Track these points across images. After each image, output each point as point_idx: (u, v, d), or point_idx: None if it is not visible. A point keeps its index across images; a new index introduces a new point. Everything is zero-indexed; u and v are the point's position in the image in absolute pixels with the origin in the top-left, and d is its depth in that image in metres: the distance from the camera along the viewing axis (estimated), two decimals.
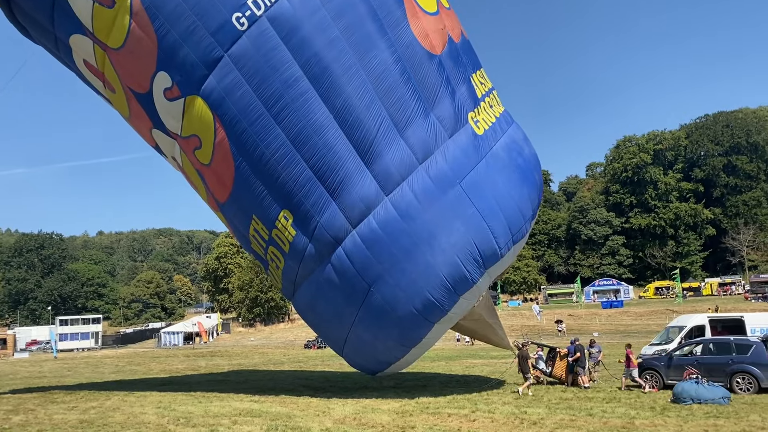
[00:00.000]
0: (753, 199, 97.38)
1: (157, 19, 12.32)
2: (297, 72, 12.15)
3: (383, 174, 12.74)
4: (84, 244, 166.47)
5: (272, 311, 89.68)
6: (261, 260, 14.72)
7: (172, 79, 12.85)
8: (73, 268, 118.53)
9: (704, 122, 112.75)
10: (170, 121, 13.54)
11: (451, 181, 13.02)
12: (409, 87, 12.81)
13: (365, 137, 12.55)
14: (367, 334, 13.76)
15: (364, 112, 12.47)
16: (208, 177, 13.96)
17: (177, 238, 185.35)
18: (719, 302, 69.71)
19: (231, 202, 13.82)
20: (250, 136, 12.66)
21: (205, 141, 13.22)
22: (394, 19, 12.84)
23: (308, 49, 12.11)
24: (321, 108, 12.32)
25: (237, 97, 12.45)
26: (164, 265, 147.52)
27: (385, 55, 12.68)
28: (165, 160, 16.46)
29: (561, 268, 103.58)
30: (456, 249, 12.78)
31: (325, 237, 13.06)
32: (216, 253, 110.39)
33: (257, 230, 13.91)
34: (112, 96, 14.60)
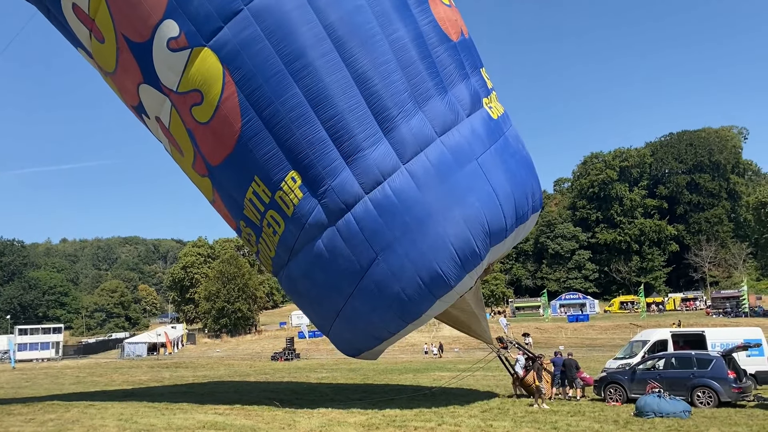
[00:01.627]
0: (715, 217, 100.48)
1: None
2: (320, 33, 12.24)
3: (401, 143, 12.88)
4: (46, 252, 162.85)
5: (239, 322, 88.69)
6: (253, 227, 14.48)
7: (180, 28, 12.60)
8: (35, 275, 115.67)
9: (669, 140, 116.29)
10: (167, 75, 13.24)
11: (468, 156, 13.46)
12: (429, 64, 13.33)
13: (385, 105, 12.75)
14: (365, 305, 13.71)
15: (385, 80, 12.70)
16: (201, 136, 13.58)
17: (143, 246, 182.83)
18: (682, 317, 71.38)
19: (229, 163, 13.49)
20: (264, 92, 12.49)
21: (208, 96, 12.93)
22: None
23: (334, 12, 12.35)
24: (342, 71, 12.43)
25: (254, 52, 12.29)
26: (129, 274, 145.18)
27: (408, 29, 13.17)
28: (144, 124, 16.11)
29: (528, 281, 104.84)
30: (469, 223, 13.09)
31: (335, 201, 12.96)
32: (182, 263, 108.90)
33: (257, 193, 13.59)
34: (99, 47, 14.11)
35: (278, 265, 15.00)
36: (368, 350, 15.15)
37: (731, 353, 16.93)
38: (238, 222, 15.05)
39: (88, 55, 15.15)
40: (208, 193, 15.35)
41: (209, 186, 14.85)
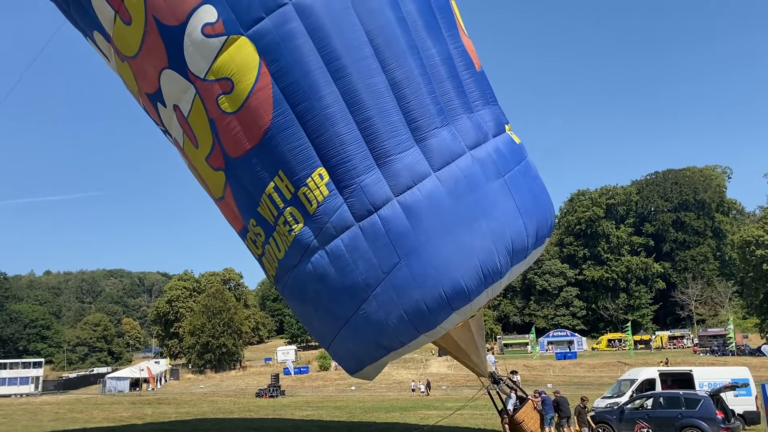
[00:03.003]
0: (700, 255, 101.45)
1: None
2: (362, 38, 12.71)
3: (433, 151, 13.26)
4: (29, 284, 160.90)
5: (223, 357, 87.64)
6: (264, 225, 14.32)
7: (218, 14, 12.66)
8: (16, 308, 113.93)
9: (654, 179, 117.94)
10: (197, 61, 13.22)
11: (496, 172, 14.01)
12: (457, 84, 14.05)
13: (419, 114, 13.21)
14: (380, 312, 13.48)
15: (419, 91, 13.21)
16: (225, 127, 13.49)
17: (128, 279, 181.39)
18: (669, 355, 71.35)
19: (252, 155, 13.43)
20: (300, 87, 12.59)
21: (239, 85, 12.90)
22: (449, 23, 14.44)
23: (377, 18, 12.89)
24: (380, 76, 12.85)
25: (294, 46, 12.48)
26: (113, 307, 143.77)
27: (440, 49, 13.90)
28: (153, 114, 15.83)
29: (516, 318, 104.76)
30: (494, 237, 13.34)
31: (363, 201, 12.96)
32: (168, 296, 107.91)
33: (278, 188, 13.49)
34: (123, 29, 14.05)
35: (286, 267, 14.76)
36: (372, 363, 14.94)
37: (719, 393, 16.89)
38: (248, 220, 14.85)
39: (105, 39, 15.08)
40: (217, 189, 15.18)
41: (222, 180, 14.74)
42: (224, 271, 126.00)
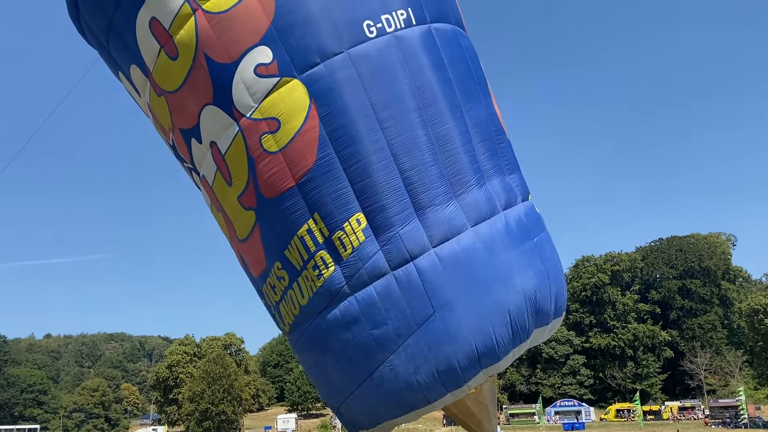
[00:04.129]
0: (708, 323, 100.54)
1: None
2: (412, 91, 13.39)
3: (470, 206, 13.69)
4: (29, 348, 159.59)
5: (222, 426, 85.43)
6: (290, 268, 14.21)
7: (273, 55, 13.20)
8: (14, 372, 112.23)
9: (659, 245, 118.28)
10: (245, 99, 13.59)
11: (528, 233, 14.51)
12: (493, 146, 14.69)
13: (457, 170, 13.74)
14: (408, 366, 13.30)
15: (460, 148, 13.80)
16: (265, 166, 13.73)
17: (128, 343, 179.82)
18: (680, 427, 69.35)
19: (289, 196, 13.60)
20: (348, 132, 13.06)
21: (286, 126, 13.28)
22: (485, 90, 15.23)
23: (425, 76, 13.59)
24: (424, 129, 13.42)
25: (345, 92, 13.07)
26: (112, 372, 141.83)
27: (481, 111, 14.65)
28: (182, 152, 15.91)
29: (523, 387, 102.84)
30: (526, 295, 13.57)
31: (400, 249, 13.14)
32: (168, 361, 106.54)
33: (311, 231, 13.57)
34: (167, 63, 14.40)
35: (307, 314, 14.49)
36: (390, 420, 14.50)
37: None
38: (272, 263, 14.67)
39: (143, 72, 15.36)
40: (244, 229, 15.12)
41: (251, 220, 14.70)
42: (225, 336, 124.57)
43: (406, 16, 13.74)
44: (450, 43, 14.61)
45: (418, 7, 14.02)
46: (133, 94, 17.06)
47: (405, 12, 13.74)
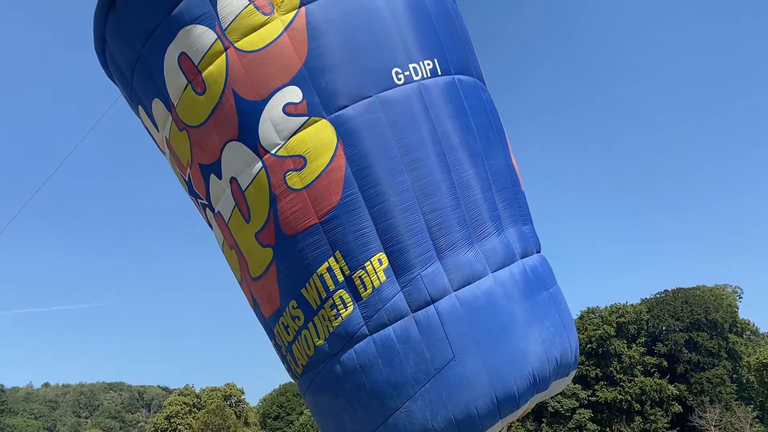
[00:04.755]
0: (716, 377, 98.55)
1: (314, 41, 13.54)
2: (436, 136, 13.80)
3: (490, 252, 13.88)
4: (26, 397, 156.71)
5: None
6: (306, 308, 14.12)
7: (303, 96, 13.55)
8: (10, 423, 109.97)
9: (664, 297, 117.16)
10: (271, 136, 13.86)
11: (545, 283, 14.71)
12: (511, 196, 15.05)
13: (478, 215, 14.01)
14: (424, 412, 13.03)
15: (481, 194, 14.14)
16: (288, 203, 13.87)
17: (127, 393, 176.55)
18: None
19: (310, 233, 13.69)
20: (374, 172, 13.39)
21: (312, 164, 13.52)
22: (503, 141, 15.70)
23: (447, 123, 14.06)
24: (448, 174, 13.79)
25: (373, 134, 13.46)
26: (110, 422, 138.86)
27: (500, 161, 15.09)
28: (199, 189, 15.99)
29: None
30: (545, 345, 13.61)
31: (421, 291, 13.15)
32: (167, 412, 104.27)
33: (332, 269, 13.59)
34: (193, 98, 14.67)
35: (322, 356, 14.31)
36: None
37: None
38: (287, 302, 14.59)
39: (165, 107, 15.58)
40: (259, 267, 15.04)
41: (268, 258, 14.67)
42: (226, 387, 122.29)
43: (432, 66, 14.32)
44: (472, 94, 15.21)
45: (444, 59, 14.62)
46: (151, 128, 17.27)
47: (431, 62, 14.33)
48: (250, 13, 13.71)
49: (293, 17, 13.58)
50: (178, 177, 17.54)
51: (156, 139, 17.49)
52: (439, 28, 14.85)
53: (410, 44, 14.13)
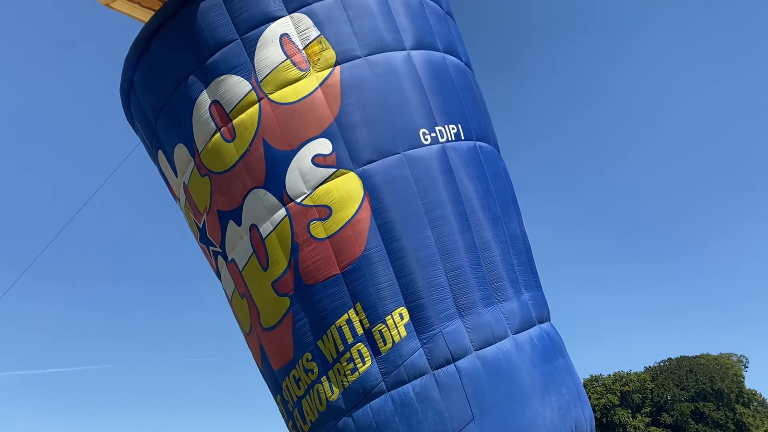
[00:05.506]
0: None
1: (347, 98, 14.06)
2: (459, 196, 14.21)
3: (510, 314, 13.99)
4: None
5: None
6: (321, 361, 13.88)
7: (333, 148, 13.90)
8: None
9: (668, 366, 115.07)
10: (298, 185, 14.07)
11: (561, 350, 14.84)
12: (526, 261, 15.34)
13: (499, 276, 14.21)
14: None
15: (500, 257, 14.38)
16: (310, 252, 13.91)
17: None
18: None
19: (331, 284, 13.65)
20: (399, 226, 13.58)
21: (337, 215, 13.69)
22: (517, 207, 16.13)
23: (470, 185, 14.50)
24: (471, 233, 14.06)
25: (399, 189, 13.79)
26: None
27: (516, 226, 15.50)
28: (214, 236, 15.88)
29: None
30: (562, 413, 13.54)
31: (443, 348, 13.06)
32: None
33: (351, 321, 13.46)
34: (220, 144, 14.86)
35: (335, 412, 13.93)
36: None
37: None
38: (301, 354, 14.32)
39: (189, 152, 15.76)
40: (273, 317, 14.83)
41: (284, 307, 14.49)
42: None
43: (456, 131, 14.95)
44: (491, 160, 15.89)
45: (467, 125, 15.34)
46: (169, 174, 17.46)
47: (455, 127, 14.96)
48: (286, 68, 14.25)
49: (328, 75, 14.16)
50: (191, 224, 17.57)
51: (172, 184, 17.62)
52: (462, 96, 15.66)
53: (437, 108, 14.79)
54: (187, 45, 15.01)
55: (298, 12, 14.40)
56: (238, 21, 14.51)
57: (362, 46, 14.41)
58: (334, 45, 14.31)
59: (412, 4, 15.54)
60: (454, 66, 15.88)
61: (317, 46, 14.32)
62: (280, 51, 14.26)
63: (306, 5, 14.45)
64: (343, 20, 14.48)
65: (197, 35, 14.81)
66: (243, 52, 14.43)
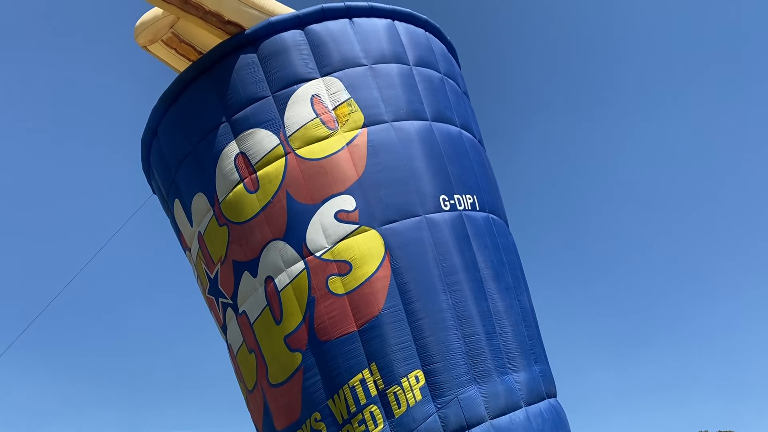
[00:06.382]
0: None
1: (373, 158, 14.32)
2: (477, 264, 14.38)
3: (523, 385, 13.96)
4: None
5: None
6: (330, 421, 13.36)
7: (356, 205, 14.06)
8: None
9: None
10: (319, 240, 14.08)
11: (566, 427, 14.83)
12: (536, 334, 15.46)
13: (512, 346, 14.22)
14: None
15: (512, 327, 14.46)
16: (327, 307, 13.70)
17: None
18: None
19: (347, 342, 13.38)
20: (418, 287, 13.59)
21: (357, 271, 13.64)
22: (525, 280, 16.42)
23: (487, 253, 14.77)
24: (487, 301, 14.13)
25: (420, 251, 13.89)
26: None
27: (525, 298, 15.73)
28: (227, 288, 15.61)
29: None
30: None
31: (458, 415, 12.79)
32: None
33: (365, 381, 13.12)
34: (243, 195, 14.93)
35: None
36: None
37: None
38: (310, 413, 13.79)
39: (208, 201, 15.76)
40: (282, 373, 14.39)
41: (295, 363, 14.10)
42: None
43: (472, 201, 15.48)
44: (503, 233, 16.42)
45: (481, 198, 15.93)
46: (183, 223, 17.44)
47: (472, 197, 15.51)
48: (315, 126, 14.72)
49: (355, 135, 14.69)
50: (200, 275, 17.29)
51: (185, 234, 17.57)
52: (476, 170, 16.41)
53: (455, 178, 15.42)
54: (218, 98, 15.47)
55: (330, 76, 15.12)
56: (272, 79, 15.14)
57: (389, 112, 15.05)
58: (363, 108, 14.91)
59: (434, 81, 16.49)
60: (470, 141, 16.67)
61: (346, 108, 14.87)
62: (311, 109, 14.78)
63: (338, 70, 15.20)
64: (372, 87, 15.22)
65: (230, 89, 15.33)
66: (274, 109, 14.93)
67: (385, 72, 15.54)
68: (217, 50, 15.67)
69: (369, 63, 15.48)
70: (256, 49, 15.37)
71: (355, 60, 15.41)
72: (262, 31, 15.32)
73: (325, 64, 15.24)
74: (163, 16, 16.64)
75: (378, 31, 16.09)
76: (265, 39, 15.37)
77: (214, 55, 15.61)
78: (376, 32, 16.04)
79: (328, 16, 15.70)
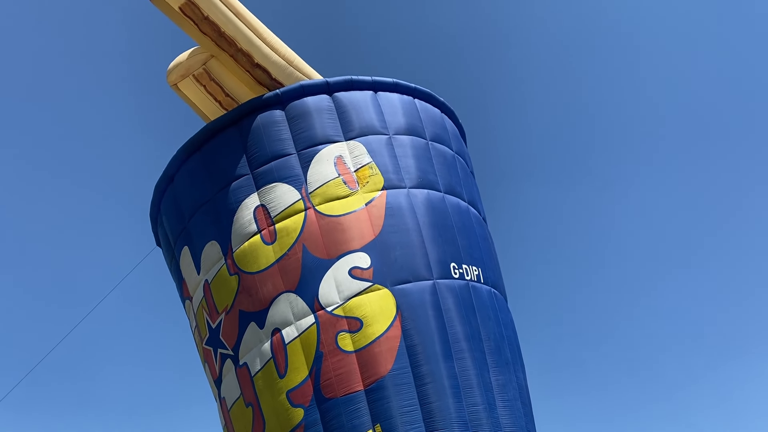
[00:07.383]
0: None
1: (390, 219, 14.68)
2: (479, 334, 14.46)
3: None
4: None
5: None
6: None
7: (371, 263, 14.18)
8: None
9: None
10: (331, 294, 14.10)
11: None
12: (530, 411, 15.32)
13: (514, 421, 14.03)
14: None
15: (512, 402, 14.31)
16: (335, 364, 13.51)
17: None
18: None
19: (353, 400, 13.07)
20: (427, 350, 13.55)
21: (368, 329, 13.60)
22: (522, 358, 16.33)
23: (491, 326, 14.88)
24: (490, 372, 14.14)
25: (431, 315, 13.94)
26: None
27: (522, 375, 15.79)
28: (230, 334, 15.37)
29: None
30: None
31: None
32: None
33: None
34: (259, 246, 14.98)
35: None
36: None
37: None
38: None
39: (221, 250, 15.69)
40: (280, 429, 13.88)
41: (296, 419, 13.66)
42: None
43: (477, 273, 15.89)
44: (504, 309, 16.78)
45: (485, 271, 16.39)
46: (188, 270, 17.29)
47: (477, 270, 15.90)
48: (336, 185, 15.26)
49: (375, 197, 15.24)
50: (200, 324, 16.88)
51: (189, 282, 17.37)
52: (482, 245, 16.97)
53: (464, 249, 15.90)
54: (243, 150, 15.94)
55: (355, 140, 15.86)
56: (298, 138, 15.80)
57: (407, 179, 15.74)
58: (383, 173, 15.59)
59: (448, 157, 17.43)
60: (476, 217, 17.39)
61: (368, 170, 15.50)
62: (333, 169, 15.38)
63: (362, 136, 15.97)
64: (392, 155, 16.00)
65: (256, 144, 15.91)
66: (298, 165, 15.46)
67: (404, 143, 16.32)
68: (246, 105, 16.31)
69: (390, 133, 16.26)
70: (284, 108, 16.05)
71: (378, 129, 16.21)
72: (292, 92, 16.09)
73: (349, 129, 15.99)
74: (198, 53, 17.39)
75: (400, 106, 17.05)
76: (294, 100, 16.08)
77: (244, 110, 16.19)
78: (398, 106, 17.00)
79: (356, 87, 16.67)
